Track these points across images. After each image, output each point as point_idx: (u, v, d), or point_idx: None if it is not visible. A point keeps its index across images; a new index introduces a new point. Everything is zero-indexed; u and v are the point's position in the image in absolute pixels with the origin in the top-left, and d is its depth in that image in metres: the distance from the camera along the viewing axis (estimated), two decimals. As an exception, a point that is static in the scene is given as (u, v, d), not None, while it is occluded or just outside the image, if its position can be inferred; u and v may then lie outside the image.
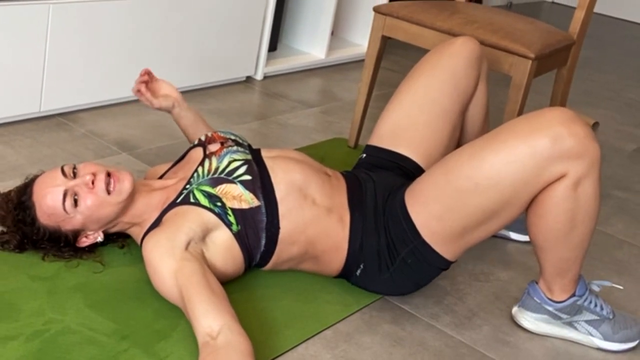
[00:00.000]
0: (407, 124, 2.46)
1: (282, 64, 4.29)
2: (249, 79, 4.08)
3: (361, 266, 2.23)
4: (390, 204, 2.21)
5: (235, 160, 2.21)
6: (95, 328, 1.97)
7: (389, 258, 2.19)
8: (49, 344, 1.88)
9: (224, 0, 3.65)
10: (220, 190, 2.15)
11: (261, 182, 2.17)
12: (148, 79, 2.54)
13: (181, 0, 3.44)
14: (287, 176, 2.20)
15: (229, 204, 2.13)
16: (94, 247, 2.24)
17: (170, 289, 1.99)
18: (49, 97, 3.06)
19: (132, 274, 2.20)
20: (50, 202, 2.12)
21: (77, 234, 2.19)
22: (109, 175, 2.15)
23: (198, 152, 2.35)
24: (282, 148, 2.39)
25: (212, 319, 1.87)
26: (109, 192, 2.14)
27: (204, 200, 2.13)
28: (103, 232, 2.23)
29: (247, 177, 2.17)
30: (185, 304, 1.94)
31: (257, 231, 2.14)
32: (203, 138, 2.37)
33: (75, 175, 2.15)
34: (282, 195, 2.17)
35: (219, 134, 2.37)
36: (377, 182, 2.30)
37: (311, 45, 4.59)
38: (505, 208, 2.06)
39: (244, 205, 2.13)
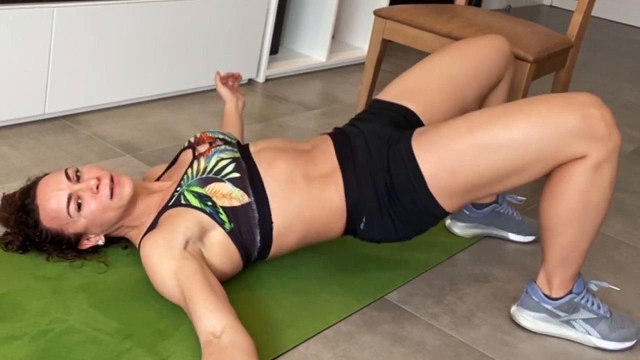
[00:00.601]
0: (418, 88, 2.42)
1: (284, 67, 4.29)
2: (250, 82, 4.08)
3: (364, 219, 2.20)
4: (392, 151, 2.17)
5: (222, 159, 2.21)
6: (98, 328, 1.97)
7: (389, 204, 2.15)
8: (53, 343, 1.88)
9: (227, 4, 3.66)
10: (210, 189, 2.14)
11: (250, 178, 2.16)
12: (232, 81, 2.84)
13: (185, 4, 3.44)
14: (273, 167, 2.18)
15: (220, 202, 2.12)
16: (97, 248, 2.24)
17: (171, 289, 1.99)
18: (53, 99, 3.06)
19: (135, 274, 2.20)
20: (54, 206, 2.12)
21: (79, 237, 2.19)
22: (112, 179, 2.15)
23: (188, 154, 2.35)
24: (267, 139, 2.37)
25: (214, 318, 1.87)
26: (111, 197, 2.14)
27: (194, 201, 2.13)
28: (105, 235, 2.23)
29: (236, 175, 2.16)
30: (187, 303, 1.93)
31: (251, 227, 2.14)
32: (192, 140, 2.37)
33: (78, 178, 2.15)
34: (271, 189, 2.15)
35: (207, 134, 2.37)
36: (367, 134, 2.25)
37: (312, 49, 4.59)
38: (518, 173, 2.06)
39: (235, 203, 2.13)
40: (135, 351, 1.91)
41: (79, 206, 2.12)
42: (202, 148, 2.29)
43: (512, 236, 2.80)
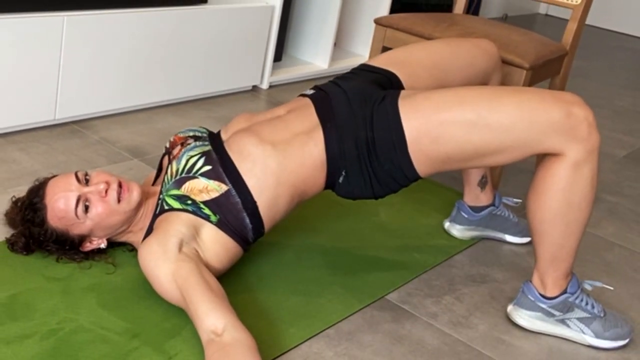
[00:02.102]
0: (406, 58, 2.43)
1: (287, 74, 4.29)
2: (255, 88, 4.08)
3: (343, 173, 2.17)
4: (376, 109, 2.15)
5: (191, 156, 2.19)
6: (107, 327, 1.97)
7: (368, 159, 2.14)
8: (63, 342, 1.88)
9: (232, 13, 3.66)
10: (186, 188, 2.13)
11: (223, 167, 2.14)
12: None
13: (192, 13, 3.44)
14: (240, 146, 2.16)
15: (198, 198, 2.11)
16: (102, 250, 2.24)
17: (170, 292, 1.99)
18: (63, 105, 3.06)
19: (142, 274, 2.19)
20: (62, 206, 2.12)
21: (82, 238, 2.19)
22: (120, 185, 2.15)
23: (166, 160, 2.35)
24: (236, 119, 2.34)
25: (215, 317, 1.87)
26: (119, 201, 2.14)
27: (175, 204, 2.12)
28: (107, 239, 2.23)
29: (207, 168, 2.14)
30: (187, 304, 1.93)
31: (237, 213, 2.12)
32: (167, 145, 2.36)
33: (87, 182, 2.15)
34: (245, 169, 2.13)
35: (179, 135, 2.35)
36: (349, 91, 2.23)
37: (315, 56, 4.59)
38: (496, 154, 2.08)
39: (213, 195, 2.11)
40: (143, 350, 1.91)
41: (87, 208, 2.12)
42: (175, 151, 2.28)
43: (509, 238, 2.80)
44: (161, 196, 2.18)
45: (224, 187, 2.12)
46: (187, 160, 2.18)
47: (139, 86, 3.35)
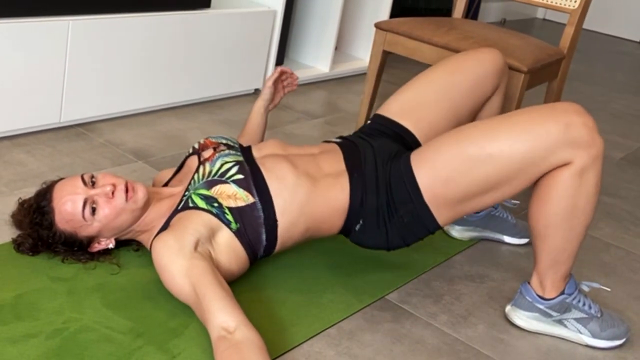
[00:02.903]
0: (417, 104, 2.44)
1: (289, 77, 4.29)
2: (257, 91, 4.08)
3: (360, 222, 2.21)
4: (393, 166, 2.19)
5: (226, 162, 2.21)
6: (111, 326, 1.97)
7: (387, 215, 2.17)
8: (68, 341, 1.88)
9: (235, 17, 3.66)
10: (216, 191, 2.14)
11: (254, 180, 2.16)
12: (286, 84, 2.80)
13: (195, 17, 3.44)
14: (277, 168, 2.19)
15: (225, 203, 2.12)
16: (107, 251, 2.24)
17: (181, 288, 1.99)
18: (68, 108, 3.06)
19: (146, 275, 2.20)
20: (70, 209, 2.12)
21: (90, 239, 2.19)
22: (126, 186, 2.15)
23: (194, 160, 2.36)
24: (269, 142, 2.37)
25: (228, 315, 1.87)
26: (127, 200, 2.14)
27: (201, 203, 2.13)
28: (115, 239, 2.23)
29: (240, 176, 2.16)
30: (199, 300, 1.93)
31: (256, 227, 2.13)
32: (196, 146, 2.38)
33: (94, 184, 2.15)
34: (274, 188, 2.15)
35: (211, 139, 2.37)
36: (376, 147, 2.28)
37: (316, 60, 4.59)
38: (507, 183, 2.07)
39: (240, 203, 2.12)
40: (147, 349, 1.91)
41: (94, 210, 2.12)
42: (206, 153, 2.29)
43: (507, 239, 2.80)
44: (187, 193, 2.18)
45: (251, 199, 2.13)
46: (222, 165, 2.20)
47: (143, 89, 3.35)
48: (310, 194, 2.17)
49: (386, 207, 2.17)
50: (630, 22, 7.77)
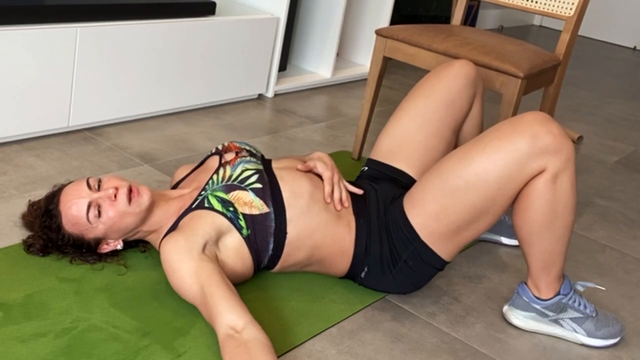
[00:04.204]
0: (403, 141, 2.46)
1: (291, 83, 4.29)
2: (260, 97, 4.08)
3: (365, 269, 2.23)
4: (390, 211, 2.22)
5: (247, 169, 2.21)
6: (119, 326, 1.97)
7: (391, 261, 2.19)
8: (76, 340, 1.88)
9: (239, 24, 3.66)
10: (233, 196, 2.14)
11: (271, 191, 2.17)
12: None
13: (200, 24, 3.44)
14: (295, 184, 2.20)
15: (241, 209, 2.12)
16: (116, 252, 2.24)
17: (189, 287, 1.99)
18: (76, 113, 3.07)
19: (153, 276, 2.20)
20: (75, 213, 2.12)
21: (98, 241, 2.19)
22: (130, 189, 2.15)
23: (215, 161, 2.35)
24: (288, 158, 2.38)
25: (236, 315, 1.88)
26: (130, 203, 2.14)
27: (217, 205, 2.13)
28: (123, 240, 2.23)
29: (258, 185, 2.17)
30: (207, 300, 1.93)
31: (266, 236, 2.14)
32: (220, 147, 2.38)
33: (99, 187, 2.15)
34: (290, 203, 2.16)
35: (235, 144, 2.38)
36: (379, 192, 2.31)
37: (318, 66, 4.59)
38: (492, 204, 2.08)
39: (254, 211, 2.13)
40: (153, 348, 1.91)
41: (99, 213, 2.12)
42: (228, 156, 2.30)
43: (505, 240, 2.80)
44: (204, 192, 2.18)
45: (266, 209, 2.14)
46: (243, 171, 2.20)
47: (150, 95, 3.35)
48: (321, 221, 2.19)
49: (389, 254, 2.20)
50: (625, 29, 7.76)
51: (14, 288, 2.05)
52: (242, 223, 2.11)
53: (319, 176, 2.29)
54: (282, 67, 4.29)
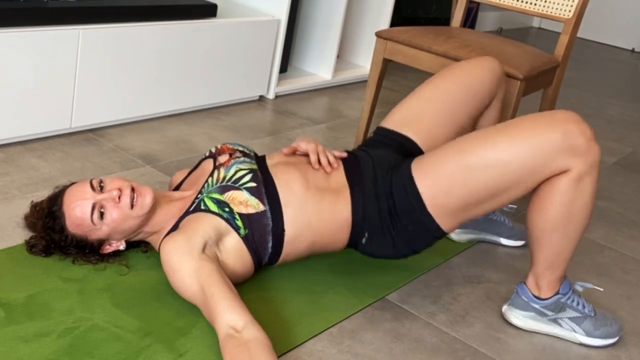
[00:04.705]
0: (418, 115, 2.43)
1: (292, 85, 4.29)
2: (261, 98, 4.08)
3: (366, 235, 2.21)
4: (394, 176, 2.19)
5: (241, 169, 2.21)
6: (121, 325, 1.97)
7: (391, 224, 2.17)
8: (79, 340, 1.89)
9: (240, 26, 3.66)
10: (228, 196, 2.14)
11: (266, 189, 2.17)
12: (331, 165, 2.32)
13: (201, 26, 3.45)
14: (287, 179, 2.19)
15: (236, 209, 2.12)
16: (118, 253, 2.24)
17: (189, 287, 1.99)
18: (79, 114, 3.07)
19: (154, 276, 2.20)
20: (79, 214, 2.12)
21: (101, 242, 2.19)
22: (133, 190, 2.16)
23: (209, 164, 2.35)
24: (280, 151, 2.37)
25: (237, 315, 1.88)
26: (132, 206, 2.14)
27: (213, 207, 2.13)
28: (125, 241, 2.23)
29: (252, 184, 2.17)
30: (207, 300, 1.93)
31: (264, 234, 2.14)
32: (213, 150, 2.38)
33: (102, 188, 2.16)
34: (285, 198, 2.16)
35: (228, 145, 2.37)
36: (375, 158, 2.28)
37: (318, 67, 4.59)
38: (507, 191, 2.07)
39: (250, 210, 2.13)
40: (155, 347, 1.91)
41: (102, 215, 2.12)
42: (222, 158, 2.29)
43: (504, 241, 2.80)
44: (200, 195, 2.19)
45: (261, 207, 2.13)
46: (236, 172, 2.20)
47: (151, 96, 3.36)
48: (317, 208, 2.17)
49: (388, 216, 2.17)
50: (624, 31, 7.76)
51: (16, 288, 2.05)
52: (239, 223, 2.11)
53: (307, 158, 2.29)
54: (283, 68, 4.30)
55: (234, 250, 2.11)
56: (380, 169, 2.23)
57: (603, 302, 2.52)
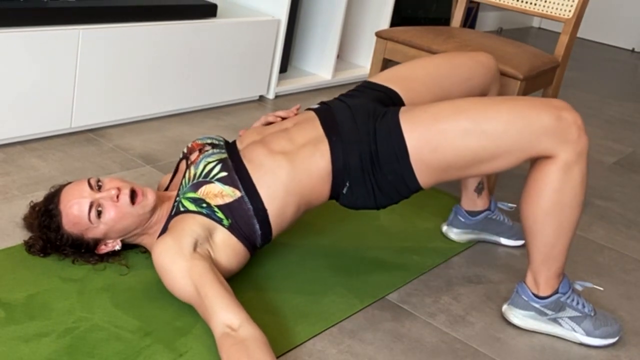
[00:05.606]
0: (407, 78, 2.43)
1: (292, 84, 4.29)
2: (261, 98, 4.08)
3: (347, 184, 2.18)
4: (378, 124, 2.16)
5: (209, 162, 2.20)
6: (121, 325, 1.97)
7: (371, 171, 2.14)
8: (78, 340, 1.89)
9: (240, 26, 3.66)
10: (202, 192, 2.14)
11: (238, 174, 2.15)
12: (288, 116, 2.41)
13: (201, 26, 3.45)
14: (255, 156, 2.18)
15: (213, 202, 2.12)
16: (117, 252, 2.24)
17: (183, 287, 1.99)
18: (79, 114, 3.07)
19: (154, 276, 2.20)
20: (76, 212, 2.12)
21: (97, 242, 2.19)
22: (132, 191, 2.16)
23: (183, 164, 2.35)
24: (250, 130, 2.35)
25: (232, 313, 1.88)
26: (133, 204, 2.14)
27: (191, 206, 2.13)
28: (121, 241, 2.23)
29: (223, 174, 2.15)
30: (201, 299, 1.93)
31: (248, 219, 2.13)
32: (185, 150, 2.37)
33: (100, 188, 2.16)
34: (257, 178, 2.14)
35: (197, 142, 2.36)
36: (352, 107, 2.25)
37: (318, 67, 4.59)
38: (491, 160, 2.08)
39: (227, 200, 2.12)
40: (155, 347, 1.91)
41: (99, 213, 2.12)
42: (193, 156, 2.29)
43: (504, 241, 2.80)
44: (178, 198, 2.18)
45: (237, 193, 2.12)
46: (205, 166, 2.19)
47: (151, 96, 3.36)
48: (290, 170, 2.14)
49: (370, 163, 2.14)
50: (624, 31, 7.76)
51: (16, 288, 2.05)
52: (220, 215, 2.11)
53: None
54: (283, 68, 4.30)
55: (224, 243, 2.11)
56: (359, 117, 2.20)
57: (603, 302, 2.52)
